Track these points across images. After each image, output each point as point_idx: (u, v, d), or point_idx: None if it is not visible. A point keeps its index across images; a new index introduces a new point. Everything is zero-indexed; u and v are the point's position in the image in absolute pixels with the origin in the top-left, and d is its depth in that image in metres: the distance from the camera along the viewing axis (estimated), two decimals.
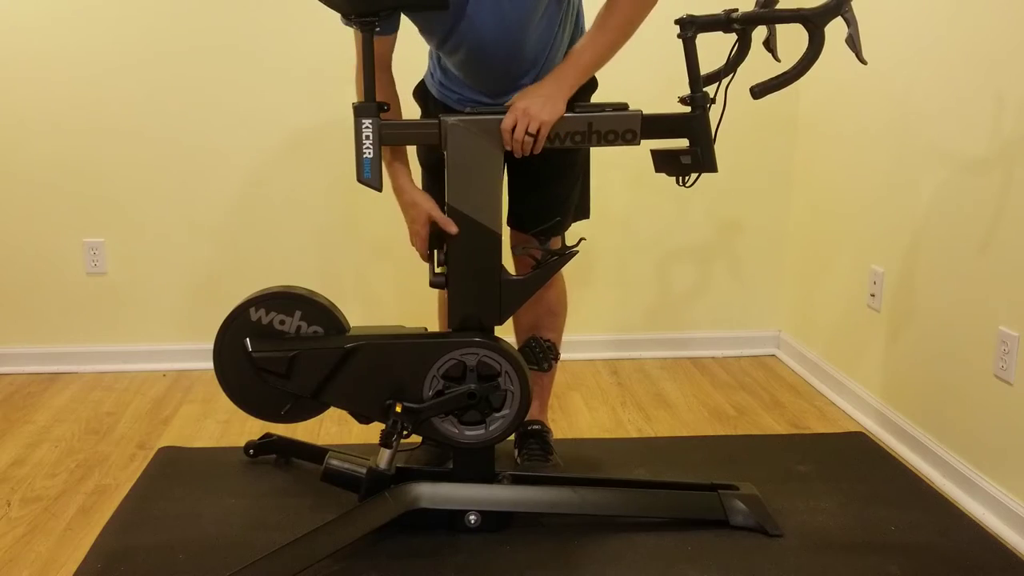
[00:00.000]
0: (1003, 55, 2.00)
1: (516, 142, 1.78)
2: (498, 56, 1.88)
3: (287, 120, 2.92)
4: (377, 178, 1.81)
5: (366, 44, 1.76)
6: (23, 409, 2.70)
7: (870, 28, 1.82)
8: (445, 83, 2.03)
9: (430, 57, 2.09)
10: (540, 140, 1.78)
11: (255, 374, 1.88)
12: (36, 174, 2.91)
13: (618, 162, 2.86)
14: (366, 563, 1.82)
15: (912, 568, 1.81)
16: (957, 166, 2.17)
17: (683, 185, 1.89)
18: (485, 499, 1.92)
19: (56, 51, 2.83)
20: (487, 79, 1.95)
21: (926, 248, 2.31)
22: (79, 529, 2.00)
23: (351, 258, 3.04)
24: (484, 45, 1.86)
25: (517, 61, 1.91)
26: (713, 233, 3.12)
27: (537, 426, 2.26)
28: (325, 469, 1.95)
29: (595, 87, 2.06)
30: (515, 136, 1.78)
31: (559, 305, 2.26)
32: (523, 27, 1.85)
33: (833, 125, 2.82)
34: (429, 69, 2.10)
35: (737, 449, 2.39)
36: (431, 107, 2.07)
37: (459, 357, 1.87)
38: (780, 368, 3.07)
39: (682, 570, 1.80)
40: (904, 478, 2.22)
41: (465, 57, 1.91)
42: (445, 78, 2.03)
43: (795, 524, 1.97)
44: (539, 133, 1.77)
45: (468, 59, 1.91)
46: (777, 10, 1.78)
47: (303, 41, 2.87)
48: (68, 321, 3.01)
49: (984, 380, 2.07)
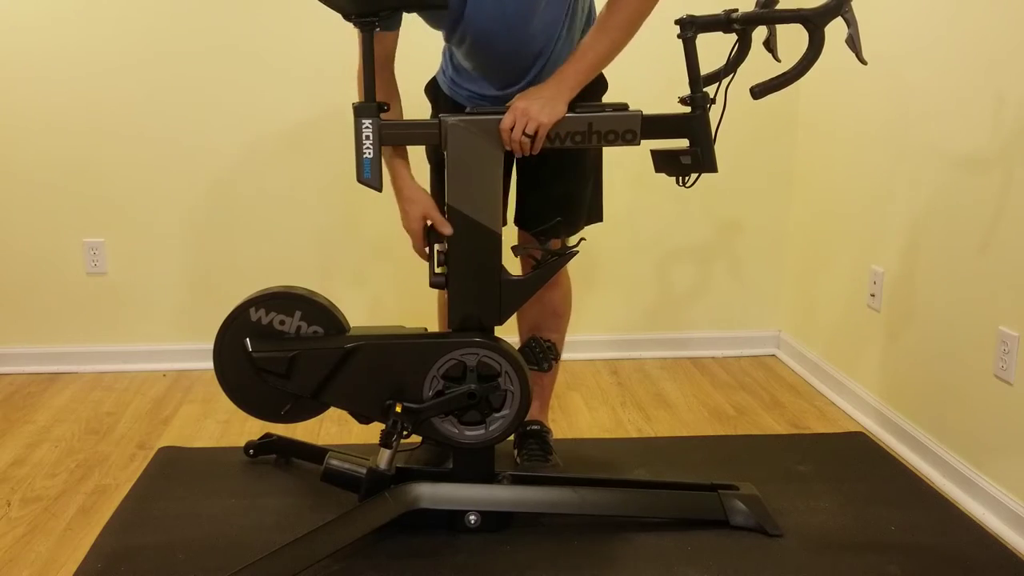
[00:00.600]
0: (1003, 55, 2.00)
1: (514, 142, 1.79)
2: (503, 47, 1.89)
3: (287, 120, 2.92)
4: (377, 178, 1.81)
5: (366, 44, 1.76)
6: (23, 409, 2.70)
7: (870, 28, 1.82)
8: (456, 80, 2.04)
9: (443, 54, 2.10)
10: (538, 141, 1.79)
11: (255, 374, 1.88)
12: (36, 174, 2.91)
13: (618, 162, 2.86)
14: (366, 563, 1.82)
15: (912, 568, 1.81)
16: (957, 166, 2.17)
17: (683, 185, 1.89)
18: (485, 499, 1.92)
19: (56, 51, 2.83)
20: (495, 70, 1.96)
21: (926, 248, 2.31)
22: (79, 529, 2.00)
23: (351, 258, 3.04)
24: (488, 36, 1.87)
25: (523, 52, 1.91)
26: (713, 233, 3.12)
27: (537, 426, 2.26)
28: (325, 469, 1.95)
29: (605, 87, 2.05)
30: (513, 136, 1.78)
31: (563, 306, 2.26)
32: (525, 17, 1.85)
33: (833, 125, 2.82)
34: (441, 66, 2.11)
35: (737, 449, 2.39)
36: (441, 103, 2.08)
37: (459, 357, 1.87)
38: (780, 368, 3.07)
39: (682, 570, 1.80)
40: (904, 478, 2.22)
41: (471, 48, 1.92)
42: (457, 75, 2.04)
43: (795, 524, 1.97)
44: (537, 134, 1.77)
45: (474, 50, 1.92)
46: (777, 10, 1.78)
47: (303, 41, 2.87)
48: (68, 321, 3.01)
49: (984, 380, 2.07)
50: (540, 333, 2.07)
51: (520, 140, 1.78)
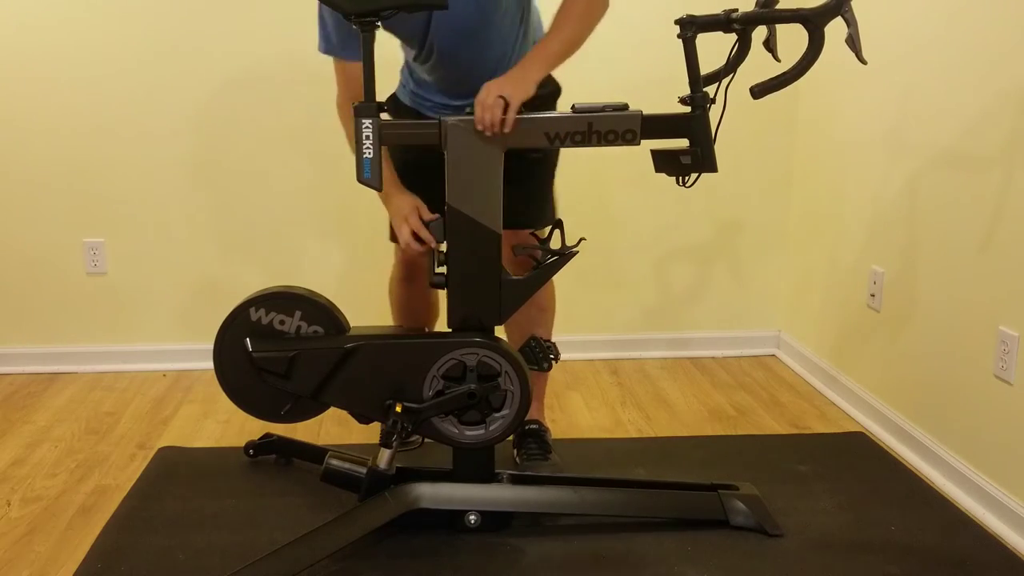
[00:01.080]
0: (1003, 55, 2.00)
1: (487, 110, 1.77)
2: (465, 56, 1.96)
3: (287, 119, 2.92)
4: (377, 178, 1.81)
5: (367, 44, 1.75)
6: (23, 409, 2.70)
7: (870, 28, 1.82)
8: (419, 92, 2.11)
9: (402, 72, 2.17)
10: (511, 113, 1.77)
11: (255, 374, 1.88)
12: (36, 174, 2.91)
13: (618, 162, 2.86)
14: (366, 563, 1.82)
15: (912, 568, 1.81)
16: (957, 166, 2.17)
17: (683, 185, 1.88)
18: (485, 499, 1.92)
19: (57, 51, 2.83)
20: (458, 80, 2.01)
21: (926, 248, 2.31)
22: (79, 529, 2.00)
23: (351, 258, 3.04)
24: (452, 47, 1.95)
25: (483, 60, 1.97)
26: (713, 233, 3.12)
27: (535, 425, 2.26)
28: (325, 469, 1.95)
29: (559, 93, 2.11)
30: (486, 103, 1.76)
31: (549, 301, 2.28)
32: (485, 26, 1.93)
33: (833, 125, 2.82)
34: (401, 81, 2.18)
35: (737, 449, 2.39)
36: (403, 115, 2.13)
37: (459, 357, 1.87)
38: (780, 368, 3.07)
39: (682, 570, 1.80)
40: (904, 478, 2.22)
41: (436, 61, 1.99)
42: (419, 88, 2.11)
43: (795, 524, 1.97)
44: (508, 106, 1.77)
45: (439, 63, 1.99)
46: (777, 10, 1.78)
47: (303, 41, 2.86)
48: (68, 321, 3.01)
49: (984, 380, 2.07)
50: (525, 328, 2.07)
51: (492, 106, 1.76)
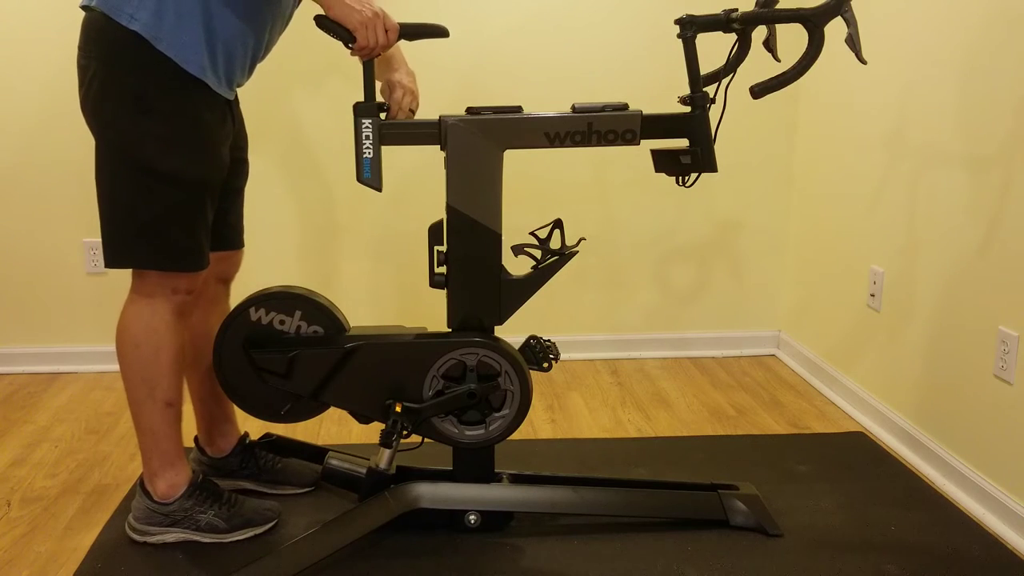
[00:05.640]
0: (1003, 55, 2.00)
1: (369, 41, 1.73)
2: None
3: (286, 119, 2.92)
4: (377, 178, 1.81)
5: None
6: (23, 409, 2.70)
7: (870, 28, 1.82)
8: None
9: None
10: (391, 33, 1.74)
11: (255, 374, 1.88)
12: (36, 174, 2.91)
13: (618, 162, 2.87)
14: (366, 563, 1.82)
15: (912, 568, 1.81)
16: (957, 166, 2.17)
17: (683, 185, 1.89)
18: (485, 499, 1.92)
19: (57, 51, 2.83)
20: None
21: (926, 248, 2.31)
22: (79, 529, 2.00)
23: (351, 258, 3.04)
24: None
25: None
26: (713, 233, 3.12)
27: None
28: (325, 469, 1.95)
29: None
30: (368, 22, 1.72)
31: None
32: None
33: (833, 125, 2.82)
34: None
35: (737, 449, 2.39)
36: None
37: (459, 357, 1.87)
38: (780, 368, 3.07)
39: (682, 570, 1.80)
40: (904, 478, 2.22)
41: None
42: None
43: (795, 524, 1.97)
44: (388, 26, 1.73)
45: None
46: (777, 10, 1.78)
47: (302, 41, 2.87)
48: (68, 321, 3.01)
49: (984, 380, 2.07)
50: None
51: (376, 35, 1.72)
